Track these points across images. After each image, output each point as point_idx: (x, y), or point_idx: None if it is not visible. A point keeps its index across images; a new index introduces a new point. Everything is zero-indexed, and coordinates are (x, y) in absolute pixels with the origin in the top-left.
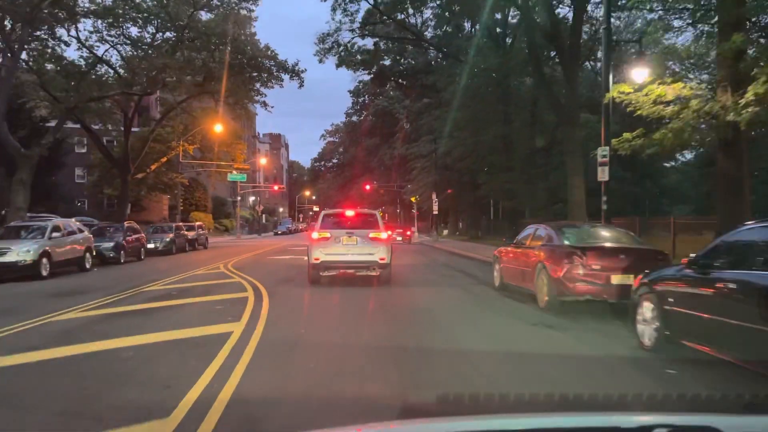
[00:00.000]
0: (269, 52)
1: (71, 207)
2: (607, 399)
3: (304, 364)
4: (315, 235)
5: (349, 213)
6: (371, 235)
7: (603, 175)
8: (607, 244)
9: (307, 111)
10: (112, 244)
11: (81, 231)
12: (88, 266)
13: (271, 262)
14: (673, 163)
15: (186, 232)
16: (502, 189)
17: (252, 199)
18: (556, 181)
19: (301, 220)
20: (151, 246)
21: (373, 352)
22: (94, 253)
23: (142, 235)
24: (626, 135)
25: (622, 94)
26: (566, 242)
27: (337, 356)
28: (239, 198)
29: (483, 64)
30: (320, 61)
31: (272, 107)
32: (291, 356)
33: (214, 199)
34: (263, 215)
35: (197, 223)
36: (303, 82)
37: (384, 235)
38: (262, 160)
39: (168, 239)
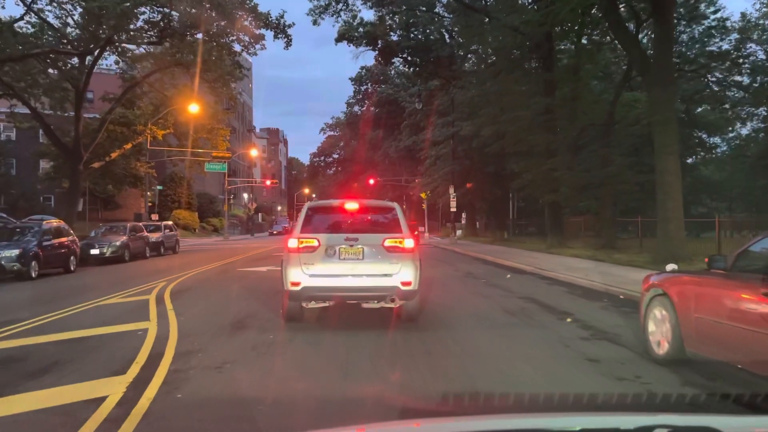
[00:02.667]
0: (246, 3)
1: (33, 204)
2: (607, 400)
3: None
4: (293, 242)
5: (350, 206)
6: (388, 242)
7: None
8: None
9: (307, 110)
10: (17, 252)
11: None
12: None
13: (239, 277)
14: (702, 155)
15: (149, 234)
16: (547, 178)
17: (246, 196)
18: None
19: None
20: (95, 252)
21: None
22: None
23: (73, 238)
24: None
25: None
26: None
27: None
28: (232, 196)
29: (520, 18)
30: (314, 22)
31: (248, 69)
32: None
33: (201, 195)
34: (259, 214)
35: (164, 223)
36: (291, 40)
37: (409, 242)
38: (253, 151)
39: (118, 243)
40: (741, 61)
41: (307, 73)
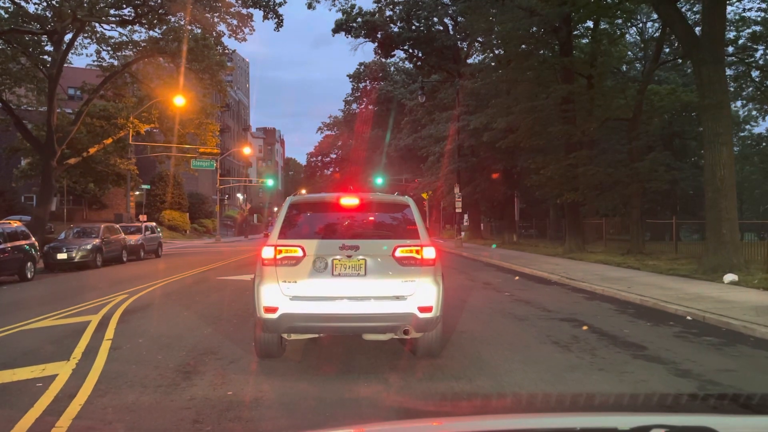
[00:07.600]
0: None
1: (14, 204)
2: (605, 400)
3: None
4: (268, 252)
5: (348, 202)
6: (400, 252)
7: None
8: None
9: (306, 112)
10: None
11: None
12: None
13: (216, 288)
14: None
15: (127, 236)
16: (567, 175)
17: (240, 197)
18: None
19: None
20: (62, 257)
21: None
22: None
23: (32, 241)
24: None
25: None
26: None
27: None
28: (226, 196)
29: None
30: (310, 6)
31: (233, 50)
32: None
33: (193, 196)
34: (254, 215)
35: (146, 224)
36: (282, 20)
37: (430, 252)
38: (246, 149)
39: (89, 247)
40: None
41: (305, 74)
